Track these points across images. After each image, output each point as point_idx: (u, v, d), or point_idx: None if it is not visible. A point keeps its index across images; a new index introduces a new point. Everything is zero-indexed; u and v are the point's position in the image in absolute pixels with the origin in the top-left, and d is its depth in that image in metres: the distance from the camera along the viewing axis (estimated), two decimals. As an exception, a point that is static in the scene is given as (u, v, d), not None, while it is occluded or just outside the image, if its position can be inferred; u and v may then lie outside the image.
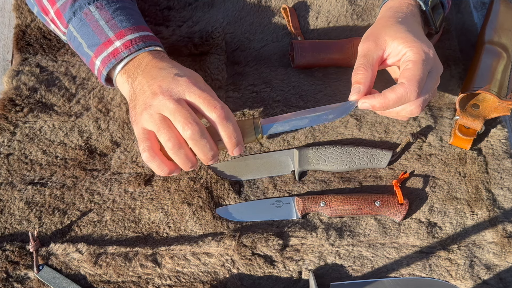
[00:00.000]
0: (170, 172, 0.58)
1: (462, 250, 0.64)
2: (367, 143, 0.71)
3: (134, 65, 0.61)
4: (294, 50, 0.73)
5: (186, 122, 0.54)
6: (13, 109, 0.71)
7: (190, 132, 0.55)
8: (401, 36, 0.59)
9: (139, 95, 0.58)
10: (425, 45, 0.58)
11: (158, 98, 0.56)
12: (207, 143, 0.56)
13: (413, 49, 0.57)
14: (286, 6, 0.79)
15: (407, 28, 0.60)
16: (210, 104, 0.56)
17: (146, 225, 0.65)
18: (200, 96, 0.56)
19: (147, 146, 0.56)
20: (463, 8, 0.83)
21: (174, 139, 0.55)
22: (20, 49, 0.75)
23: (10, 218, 0.64)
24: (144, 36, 0.62)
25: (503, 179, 0.69)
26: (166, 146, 0.56)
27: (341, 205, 0.65)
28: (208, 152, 0.57)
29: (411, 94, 0.55)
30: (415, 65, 0.56)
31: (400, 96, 0.56)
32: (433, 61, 0.58)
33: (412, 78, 0.55)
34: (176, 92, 0.56)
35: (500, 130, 0.72)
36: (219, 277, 0.62)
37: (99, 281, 0.61)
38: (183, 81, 0.57)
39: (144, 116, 0.56)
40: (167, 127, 0.55)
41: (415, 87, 0.55)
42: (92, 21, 0.62)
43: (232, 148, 0.58)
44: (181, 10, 0.79)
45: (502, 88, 0.70)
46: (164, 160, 0.57)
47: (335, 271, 0.63)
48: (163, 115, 0.56)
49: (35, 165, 0.68)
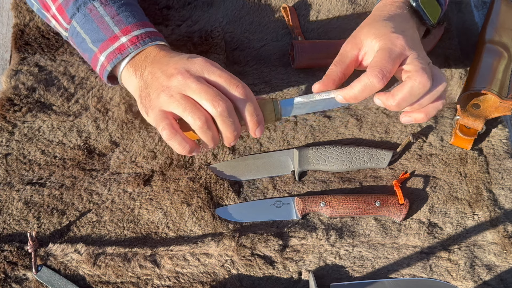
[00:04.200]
0: (191, 150, 0.57)
1: (463, 250, 0.64)
2: (367, 143, 0.71)
3: (142, 58, 0.60)
4: (295, 50, 0.73)
5: (216, 100, 0.54)
6: (11, 109, 0.70)
7: (221, 109, 0.54)
8: (374, 32, 0.59)
9: (152, 82, 0.57)
10: (395, 35, 0.57)
11: (177, 78, 0.55)
12: (234, 121, 0.56)
13: (381, 41, 0.57)
14: (286, 6, 0.78)
15: (382, 23, 0.60)
16: (232, 83, 0.56)
17: (145, 225, 0.65)
18: (221, 75, 0.56)
19: (166, 124, 0.55)
20: (464, 8, 0.83)
21: (203, 117, 0.54)
22: (19, 49, 0.75)
23: (9, 218, 0.64)
24: (149, 32, 0.62)
25: (504, 179, 0.69)
26: (195, 125, 0.55)
27: (341, 206, 0.65)
28: (234, 130, 0.56)
29: (374, 80, 0.55)
30: (379, 53, 0.56)
31: (365, 84, 0.56)
32: (406, 49, 0.57)
33: (373, 65, 0.55)
34: (194, 71, 0.56)
35: (501, 130, 0.72)
36: (219, 277, 0.62)
37: (98, 282, 0.61)
38: (200, 60, 0.57)
39: (163, 98, 0.55)
40: (193, 106, 0.54)
41: (376, 73, 0.55)
42: (96, 16, 0.61)
43: (254, 127, 0.57)
44: (180, 9, 0.78)
45: (503, 87, 0.70)
46: (185, 137, 0.56)
47: (335, 271, 0.63)
48: (185, 95, 0.55)
49: (33, 165, 0.67)
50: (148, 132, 0.70)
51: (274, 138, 0.71)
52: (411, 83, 0.55)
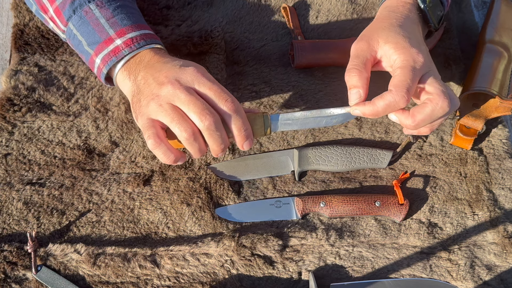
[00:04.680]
0: (176, 160, 0.57)
1: (463, 250, 0.64)
2: (367, 143, 0.71)
3: (136, 61, 0.60)
4: (294, 50, 0.73)
5: (203, 113, 0.54)
6: (11, 109, 0.70)
7: (208, 123, 0.54)
8: (392, 40, 0.58)
9: (144, 88, 0.57)
10: (415, 51, 0.57)
11: (167, 88, 0.55)
12: (221, 135, 0.56)
13: (402, 55, 0.57)
14: (286, 6, 0.78)
15: (400, 31, 0.59)
16: (221, 96, 0.55)
17: (145, 225, 0.65)
18: (211, 88, 0.56)
19: (152, 134, 0.55)
20: (464, 7, 0.83)
21: (190, 129, 0.54)
22: (18, 49, 0.75)
23: (8, 218, 0.64)
24: (145, 35, 0.62)
25: (504, 179, 0.69)
26: (181, 136, 0.55)
27: (341, 206, 0.65)
28: (221, 144, 0.56)
29: (400, 100, 0.55)
30: (403, 71, 0.56)
31: (389, 103, 0.55)
32: (426, 66, 0.57)
33: (399, 84, 0.55)
34: (185, 81, 0.55)
35: (501, 130, 0.72)
36: (219, 277, 0.62)
37: (98, 282, 0.61)
38: (191, 70, 0.56)
39: (152, 106, 0.55)
40: (180, 117, 0.54)
41: (402, 93, 0.54)
42: (92, 19, 0.61)
43: (242, 141, 0.57)
44: (180, 9, 0.78)
45: (503, 87, 0.70)
46: (170, 147, 0.56)
47: (335, 271, 0.63)
48: (173, 105, 0.55)
49: (33, 165, 0.67)
50: (148, 132, 0.70)
51: (274, 138, 0.71)
52: (433, 107, 0.55)
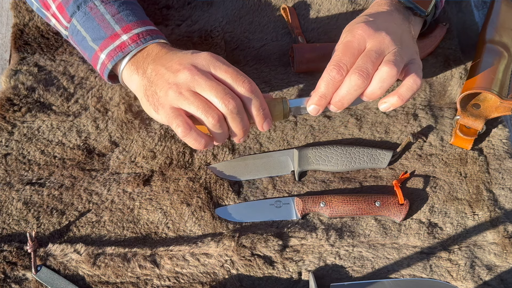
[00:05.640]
0: (206, 145, 0.57)
1: (463, 250, 0.64)
2: (367, 143, 0.71)
3: (143, 56, 0.60)
4: (295, 55, 0.73)
5: (226, 98, 0.54)
6: (11, 109, 0.70)
7: (232, 107, 0.55)
8: (344, 30, 0.61)
9: (157, 79, 0.57)
10: (355, 26, 0.59)
11: (184, 74, 0.55)
12: (243, 118, 0.56)
13: (343, 34, 0.60)
14: (285, 6, 0.78)
15: (354, 21, 0.61)
16: (238, 78, 0.56)
17: (144, 225, 0.65)
18: (227, 71, 0.56)
19: (180, 122, 0.55)
20: (464, 7, 0.83)
21: (216, 115, 0.55)
22: (18, 48, 0.74)
23: (8, 218, 0.64)
24: (150, 30, 0.62)
25: (504, 179, 0.69)
26: (209, 123, 0.55)
27: (341, 206, 0.65)
28: (243, 127, 0.57)
29: (333, 74, 0.57)
30: (338, 47, 0.59)
31: (326, 80, 0.58)
32: (363, 36, 0.58)
33: (331, 60, 0.58)
34: (201, 65, 0.56)
35: (501, 130, 0.72)
36: (218, 278, 0.62)
37: (98, 282, 0.61)
38: (205, 55, 0.57)
39: (171, 95, 0.55)
40: (205, 104, 0.55)
41: (332, 66, 0.57)
42: (97, 14, 0.61)
43: (261, 122, 0.58)
44: (180, 9, 0.78)
45: (503, 87, 0.70)
46: (200, 133, 0.56)
47: (335, 272, 0.63)
48: (194, 92, 0.55)
49: (33, 165, 0.67)
50: (147, 132, 0.70)
51: (274, 138, 0.71)
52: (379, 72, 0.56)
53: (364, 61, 0.56)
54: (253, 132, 0.71)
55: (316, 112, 0.60)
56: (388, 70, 0.56)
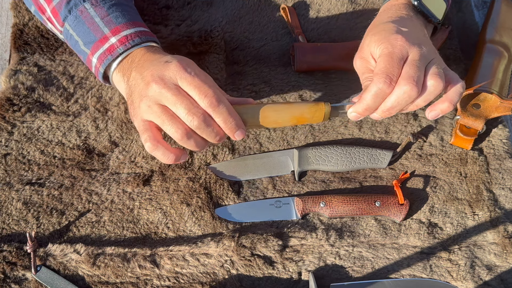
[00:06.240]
0: (176, 159, 0.56)
1: (463, 251, 0.64)
2: (367, 143, 0.71)
3: (128, 62, 0.60)
4: (296, 54, 0.73)
5: (190, 113, 0.53)
6: (10, 109, 0.70)
7: (197, 123, 0.54)
8: (375, 39, 0.58)
9: (134, 89, 0.57)
10: (394, 36, 0.57)
11: (152, 88, 0.54)
12: (213, 129, 0.55)
13: (381, 45, 0.57)
14: (285, 6, 0.78)
15: (382, 27, 0.60)
16: (201, 91, 0.54)
17: (144, 225, 0.64)
18: (191, 83, 0.54)
19: (148, 137, 0.55)
20: (464, 7, 0.83)
21: (182, 129, 0.54)
22: (18, 48, 0.74)
23: (8, 218, 0.64)
24: (139, 32, 0.61)
25: (504, 179, 0.69)
26: (175, 137, 0.54)
27: (341, 206, 0.65)
28: (216, 136, 0.56)
29: (383, 86, 0.55)
30: (380, 58, 0.56)
31: (375, 93, 0.55)
32: (404, 48, 0.56)
33: (378, 71, 0.55)
34: (168, 78, 0.55)
35: (501, 130, 0.72)
36: (218, 278, 0.61)
37: (97, 282, 0.61)
38: (174, 66, 0.55)
39: (142, 107, 0.55)
40: (171, 118, 0.54)
41: (383, 79, 0.54)
42: (87, 18, 0.61)
43: (231, 133, 0.56)
44: (179, 9, 0.78)
45: (503, 87, 0.70)
46: (168, 147, 0.56)
47: (335, 272, 0.63)
48: (162, 105, 0.54)
49: (33, 165, 0.67)
50: (147, 132, 0.70)
51: (273, 138, 0.71)
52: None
53: (414, 71, 0.55)
54: (253, 132, 0.71)
55: (357, 119, 0.59)
56: (435, 84, 0.55)
